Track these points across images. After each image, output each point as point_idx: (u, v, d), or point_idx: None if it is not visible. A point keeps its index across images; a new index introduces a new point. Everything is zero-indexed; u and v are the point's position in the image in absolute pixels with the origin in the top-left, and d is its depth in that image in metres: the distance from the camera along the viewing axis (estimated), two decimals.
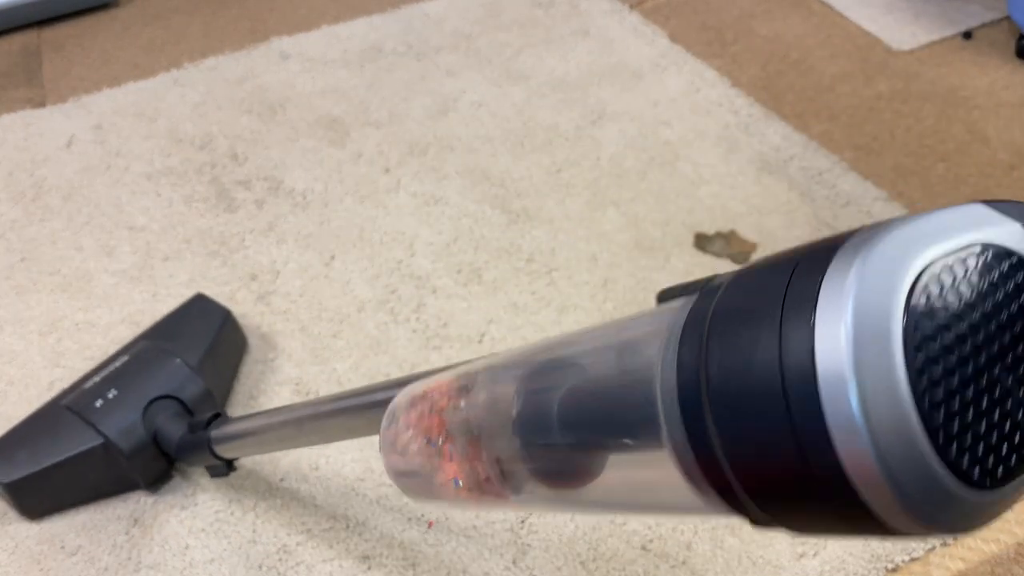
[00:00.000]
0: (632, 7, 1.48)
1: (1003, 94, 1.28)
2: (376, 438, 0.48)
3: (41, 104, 1.30)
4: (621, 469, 0.34)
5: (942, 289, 0.23)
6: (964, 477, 0.23)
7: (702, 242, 1.05)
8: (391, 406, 0.46)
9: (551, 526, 0.79)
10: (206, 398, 0.83)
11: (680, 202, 1.11)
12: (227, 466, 0.80)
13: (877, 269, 0.23)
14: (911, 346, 0.22)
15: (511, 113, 1.25)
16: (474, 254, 1.04)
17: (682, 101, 1.27)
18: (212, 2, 1.55)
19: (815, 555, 0.76)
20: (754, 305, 0.26)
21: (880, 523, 0.23)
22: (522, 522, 0.79)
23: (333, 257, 1.04)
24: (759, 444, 0.25)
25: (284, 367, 0.93)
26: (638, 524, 0.79)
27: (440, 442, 0.42)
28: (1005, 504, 0.25)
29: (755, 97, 1.28)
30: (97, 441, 0.78)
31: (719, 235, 1.06)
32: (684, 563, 0.76)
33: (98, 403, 0.80)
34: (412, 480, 0.44)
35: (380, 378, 0.91)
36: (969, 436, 0.23)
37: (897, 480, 0.22)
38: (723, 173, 1.15)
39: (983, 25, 1.42)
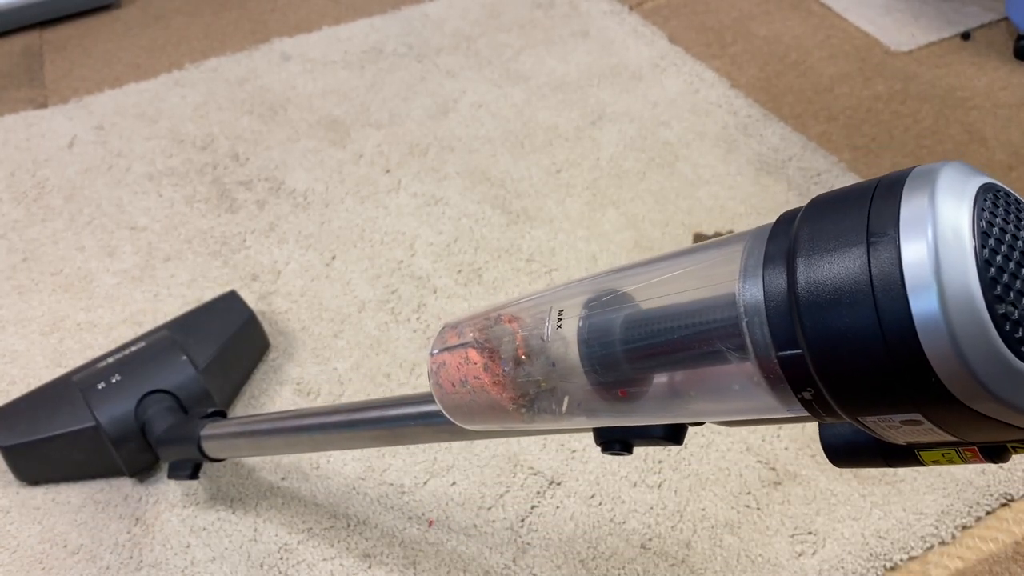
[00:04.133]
0: (632, 8, 1.48)
1: (1001, 95, 1.28)
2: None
3: (43, 105, 1.31)
4: (689, 378, 0.37)
5: (996, 205, 0.29)
6: None
7: (701, 242, 1.06)
8: (439, 332, 0.48)
9: (551, 525, 0.79)
10: (203, 398, 0.84)
11: (679, 202, 1.11)
12: (194, 470, 0.77)
13: (947, 192, 0.28)
14: (980, 253, 0.27)
15: (511, 114, 1.26)
16: (474, 254, 1.05)
17: (681, 102, 1.27)
18: (213, 3, 1.55)
19: (814, 554, 0.77)
20: (840, 226, 0.30)
21: (958, 403, 0.28)
22: (522, 521, 0.80)
23: (334, 257, 1.05)
24: (850, 347, 0.29)
25: (285, 366, 0.93)
26: (637, 523, 0.79)
27: (495, 364, 0.43)
28: None
29: (754, 98, 1.29)
30: (88, 423, 0.81)
31: (718, 235, 1.07)
32: (683, 561, 0.77)
33: (101, 385, 0.82)
34: (462, 406, 0.46)
35: (381, 377, 0.92)
36: None
37: (972, 363, 0.27)
38: (722, 173, 1.15)
39: (981, 26, 1.42)
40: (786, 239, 0.32)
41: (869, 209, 0.29)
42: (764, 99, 1.29)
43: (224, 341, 0.89)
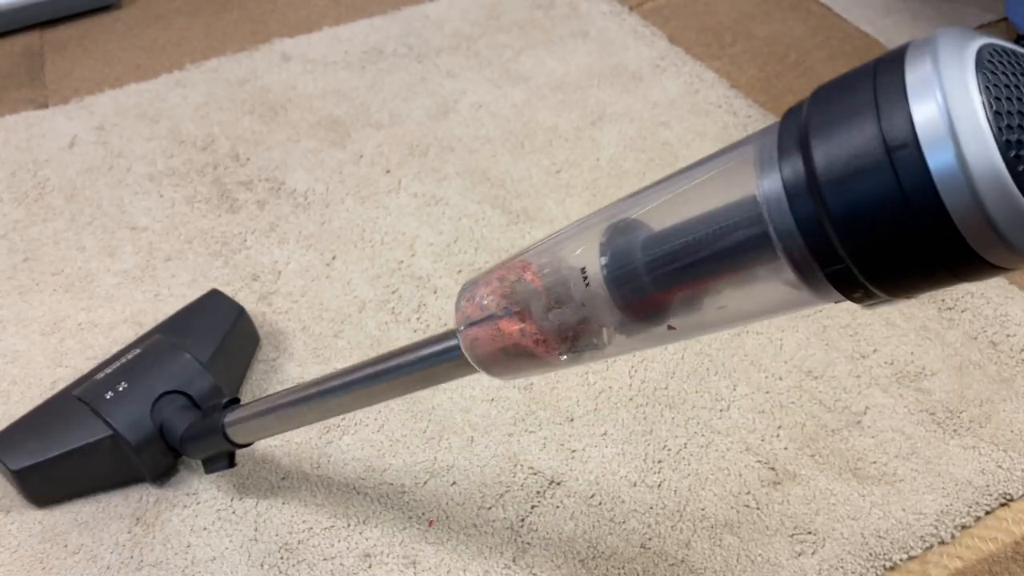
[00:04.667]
0: (631, 9, 1.48)
1: None
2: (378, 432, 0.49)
3: (43, 105, 1.31)
4: (719, 284, 0.38)
5: (999, 61, 0.30)
6: None
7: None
8: (457, 305, 0.48)
9: (551, 524, 0.80)
10: (215, 393, 0.84)
11: None
12: (229, 459, 0.79)
13: (949, 52, 0.29)
14: (990, 106, 0.28)
15: (511, 114, 1.26)
16: (475, 254, 1.05)
17: (681, 102, 1.27)
18: (214, 4, 1.55)
19: (813, 553, 0.77)
20: (848, 103, 0.31)
21: (979, 257, 0.29)
22: (522, 521, 0.80)
23: (334, 257, 1.05)
24: (872, 215, 0.30)
25: (286, 366, 0.93)
26: (637, 523, 0.79)
27: (529, 324, 0.44)
28: None
29: (754, 98, 1.29)
30: (105, 433, 0.79)
31: None
32: (683, 561, 0.77)
33: (108, 395, 0.81)
34: (508, 370, 0.47)
35: None
36: None
37: (991, 213, 0.28)
38: None
39: (981, 26, 1.42)
40: (796, 128, 0.33)
41: (874, 84, 0.30)
42: (764, 99, 1.29)
43: (221, 336, 0.89)
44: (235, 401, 0.78)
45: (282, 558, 0.77)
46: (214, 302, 0.94)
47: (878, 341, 0.94)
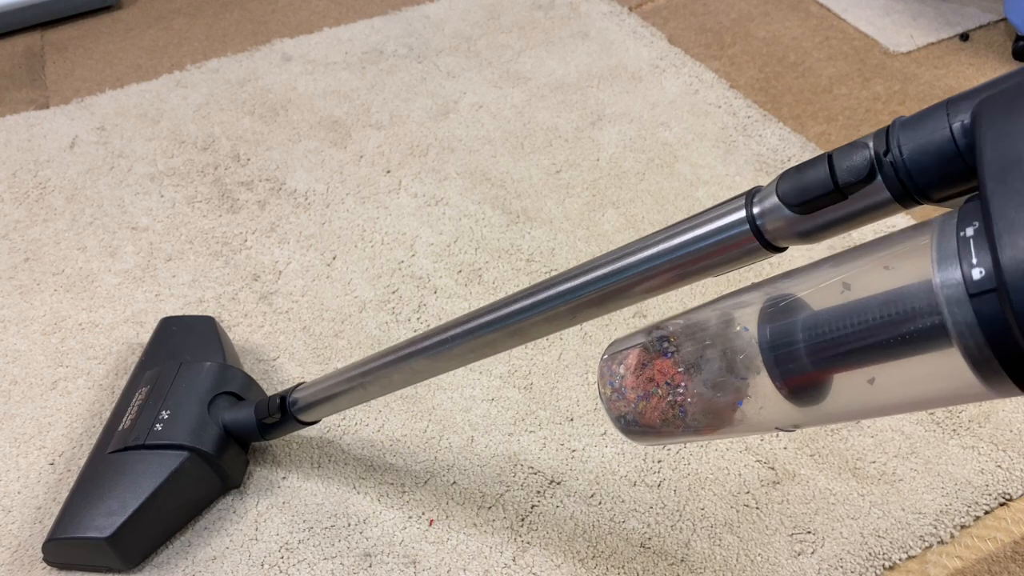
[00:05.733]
0: (631, 10, 1.48)
1: None
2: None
3: (44, 105, 1.31)
4: (888, 373, 0.37)
5: None
6: None
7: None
8: (602, 364, 0.49)
9: (551, 524, 0.80)
10: (250, 383, 0.84)
11: (678, 203, 1.11)
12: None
13: None
14: None
15: (511, 115, 1.26)
16: (475, 254, 1.05)
17: (680, 102, 1.28)
18: (214, 4, 1.55)
19: (813, 553, 0.77)
20: None
21: None
22: (522, 520, 0.80)
23: (335, 257, 1.05)
24: None
25: (286, 366, 0.93)
26: (636, 522, 0.80)
27: (672, 384, 0.45)
28: None
29: (753, 98, 1.29)
30: (183, 456, 0.76)
31: None
32: (683, 560, 0.77)
33: (158, 427, 0.77)
34: (626, 394, 0.47)
35: None
36: None
37: None
38: (721, 174, 1.16)
39: (980, 27, 1.42)
40: (977, 220, 0.32)
41: None
42: (763, 100, 1.29)
43: (218, 339, 0.89)
44: (298, 385, 0.79)
45: (282, 558, 0.77)
46: (181, 324, 0.92)
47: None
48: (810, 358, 0.39)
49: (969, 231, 0.32)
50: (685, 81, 1.32)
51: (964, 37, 1.40)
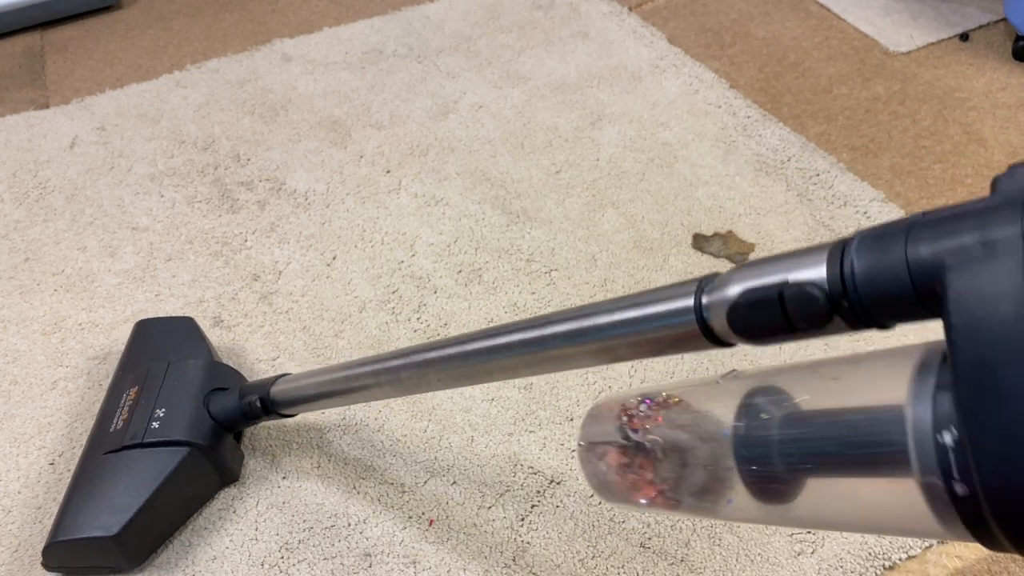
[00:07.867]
0: (631, 10, 1.48)
1: (1000, 95, 1.28)
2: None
3: (44, 105, 1.31)
4: (848, 490, 0.36)
5: None
6: None
7: (700, 242, 1.06)
8: (584, 423, 0.48)
9: (551, 524, 0.80)
10: (242, 381, 0.85)
11: (678, 203, 1.11)
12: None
13: None
14: None
15: (511, 115, 1.26)
16: (474, 254, 1.05)
17: (680, 103, 1.28)
18: (214, 4, 1.55)
19: (813, 553, 0.77)
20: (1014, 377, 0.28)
21: None
22: (522, 520, 0.80)
23: (335, 257, 1.05)
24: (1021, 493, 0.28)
25: (286, 366, 0.93)
26: (636, 522, 0.80)
27: (646, 457, 0.44)
28: None
29: (753, 99, 1.29)
30: (184, 452, 0.76)
31: (717, 235, 1.07)
32: (682, 560, 0.77)
33: (155, 425, 0.77)
34: (612, 490, 0.47)
35: None
36: None
37: None
38: (721, 174, 1.16)
39: (980, 27, 1.42)
40: (951, 420, 0.30)
41: None
42: (763, 100, 1.29)
43: (202, 338, 0.89)
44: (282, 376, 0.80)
45: (282, 558, 0.77)
46: (159, 325, 0.92)
47: (878, 340, 0.95)
48: (780, 460, 0.38)
49: (947, 438, 0.30)
50: (685, 81, 1.32)
51: (964, 37, 1.40)
